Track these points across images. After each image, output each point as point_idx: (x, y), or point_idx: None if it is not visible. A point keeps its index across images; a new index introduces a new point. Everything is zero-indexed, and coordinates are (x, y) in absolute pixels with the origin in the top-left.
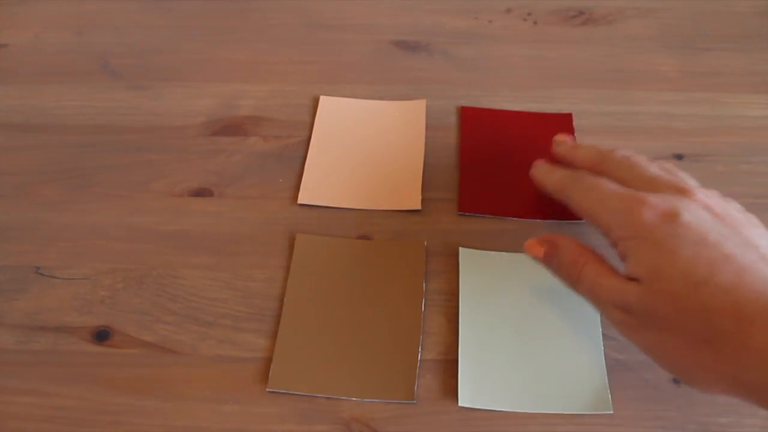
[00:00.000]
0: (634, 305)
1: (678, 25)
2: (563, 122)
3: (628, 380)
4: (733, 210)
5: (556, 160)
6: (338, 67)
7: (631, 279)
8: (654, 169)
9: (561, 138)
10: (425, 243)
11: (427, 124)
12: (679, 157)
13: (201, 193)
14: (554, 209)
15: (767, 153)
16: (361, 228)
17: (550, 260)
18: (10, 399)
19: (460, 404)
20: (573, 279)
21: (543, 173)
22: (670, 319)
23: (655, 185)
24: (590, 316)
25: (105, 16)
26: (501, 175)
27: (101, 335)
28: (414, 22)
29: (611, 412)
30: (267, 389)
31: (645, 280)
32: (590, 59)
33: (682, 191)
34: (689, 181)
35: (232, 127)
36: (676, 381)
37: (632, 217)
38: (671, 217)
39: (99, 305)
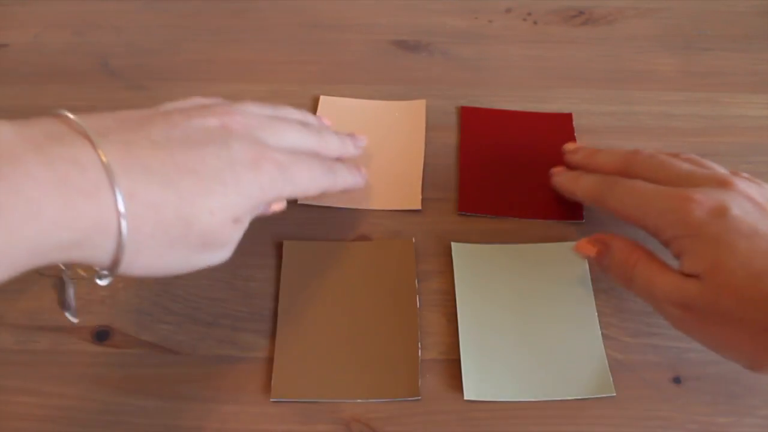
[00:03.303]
0: (696, 301)
1: (678, 25)
2: (563, 122)
3: (628, 380)
4: None
5: (570, 167)
6: (338, 67)
7: (689, 276)
8: (685, 164)
9: (572, 146)
10: (413, 240)
11: (427, 124)
12: None
13: None
14: (554, 209)
15: (767, 153)
16: (360, 228)
17: (602, 260)
18: (10, 399)
19: (465, 398)
20: (626, 278)
21: (569, 181)
22: (733, 312)
23: (692, 180)
24: (585, 301)
25: (105, 16)
26: (501, 175)
27: (101, 335)
28: (414, 22)
29: (614, 394)
30: (270, 399)
31: (705, 276)
32: (590, 59)
33: (721, 183)
34: (721, 171)
35: None
36: (676, 381)
37: (682, 215)
38: (721, 211)
39: (99, 305)
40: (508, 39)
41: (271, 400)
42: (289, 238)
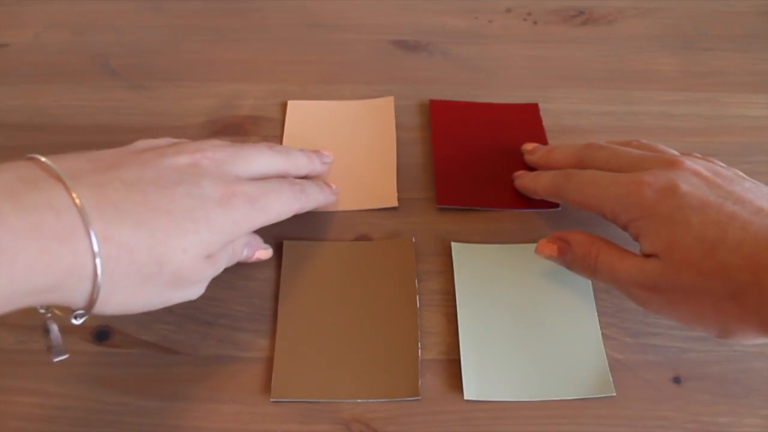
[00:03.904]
0: (658, 280)
1: (678, 25)
2: (530, 112)
3: (628, 380)
4: (719, 169)
5: (531, 167)
6: (338, 67)
7: (649, 256)
8: (635, 150)
9: (530, 146)
10: (413, 240)
11: (425, 124)
12: None
13: None
14: (531, 198)
15: (767, 153)
16: (360, 228)
17: (564, 257)
18: (10, 399)
19: (465, 398)
20: (590, 270)
21: (529, 181)
22: (695, 285)
23: (643, 164)
24: (585, 301)
25: (105, 16)
26: (475, 166)
27: (101, 335)
28: (414, 22)
29: (614, 394)
30: (270, 399)
31: (663, 254)
32: (590, 59)
33: (670, 163)
34: (671, 152)
35: (232, 127)
36: (676, 381)
37: (635, 198)
38: (671, 190)
39: None
40: (508, 39)
41: (271, 400)
42: (289, 238)
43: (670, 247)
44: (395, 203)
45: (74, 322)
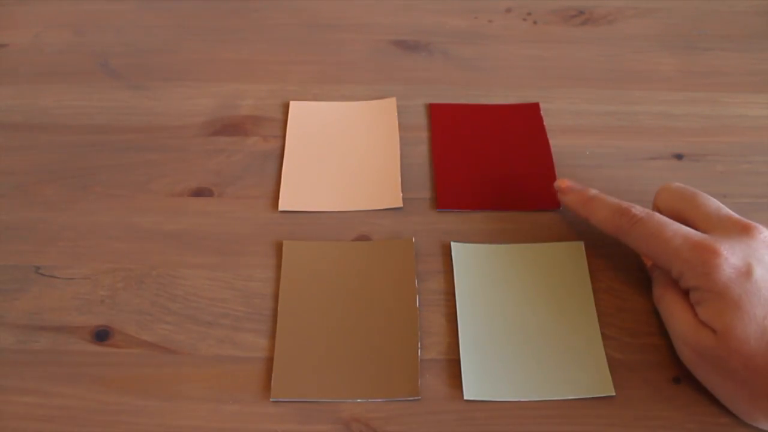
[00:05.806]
0: (707, 351)
1: (678, 25)
2: (531, 112)
3: (628, 380)
4: None
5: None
6: (338, 67)
7: (705, 325)
8: (712, 203)
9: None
10: (413, 240)
11: (424, 124)
12: (678, 156)
13: (201, 192)
14: (531, 199)
15: (767, 153)
16: (360, 228)
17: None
18: (10, 399)
19: (465, 397)
20: (655, 297)
21: (582, 207)
22: (738, 373)
23: (715, 224)
24: (585, 301)
25: (105, 16)
26: (475, 169)
27: (101, 335)
28: (414, 22)
29: (614, 394)
30: (270, 399)
31: (720, 334)
32: (590, 59)
33: (744, 230)
34: (740, 218)
35: (231, 127)
36: (676, 381)
37: (707, 269)
38: (746, 273)
39: (99, 305)
40: (508, 39)
41: (271, 400)
42: (289, 238)
43: (727, 331)
44: (400, 204)
45: None
